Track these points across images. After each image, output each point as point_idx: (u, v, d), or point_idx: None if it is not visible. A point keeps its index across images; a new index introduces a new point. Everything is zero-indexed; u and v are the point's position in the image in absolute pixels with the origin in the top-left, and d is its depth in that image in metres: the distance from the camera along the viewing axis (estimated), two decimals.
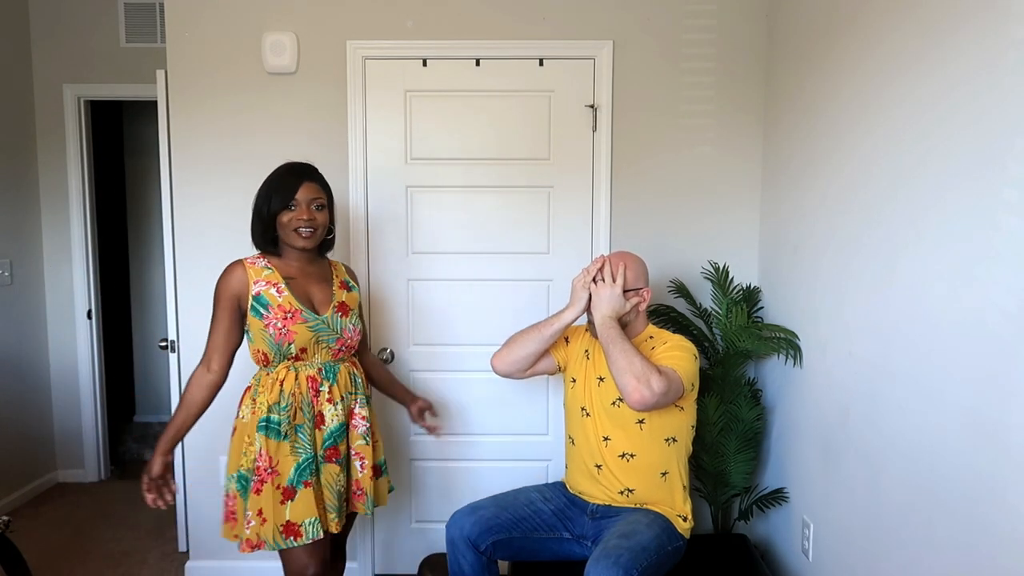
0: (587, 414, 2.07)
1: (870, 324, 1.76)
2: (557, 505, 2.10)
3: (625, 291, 2.01)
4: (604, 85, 2.51)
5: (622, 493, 2.02)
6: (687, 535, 2.02)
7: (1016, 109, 1.25)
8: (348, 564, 2.68)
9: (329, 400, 1.89)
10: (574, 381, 2.13)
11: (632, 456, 2.00)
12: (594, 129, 2.54)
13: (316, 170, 1.96)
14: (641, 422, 1.98)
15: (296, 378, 1.86)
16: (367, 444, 1.98)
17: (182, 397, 1.89)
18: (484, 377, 2.63)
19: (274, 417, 1.83)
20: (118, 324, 4.42)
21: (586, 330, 2.12)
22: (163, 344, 2.79)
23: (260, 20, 2.51)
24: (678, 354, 1.95)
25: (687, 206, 2.56)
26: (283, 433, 1.83)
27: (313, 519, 1.82)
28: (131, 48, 3.50)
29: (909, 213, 1.59)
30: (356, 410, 1.96)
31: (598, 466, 2.04)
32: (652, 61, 2.52)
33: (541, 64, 2.52)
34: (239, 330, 1.89)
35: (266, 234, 1.89)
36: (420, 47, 2.51)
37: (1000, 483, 1.29)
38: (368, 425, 1.99)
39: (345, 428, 1.92)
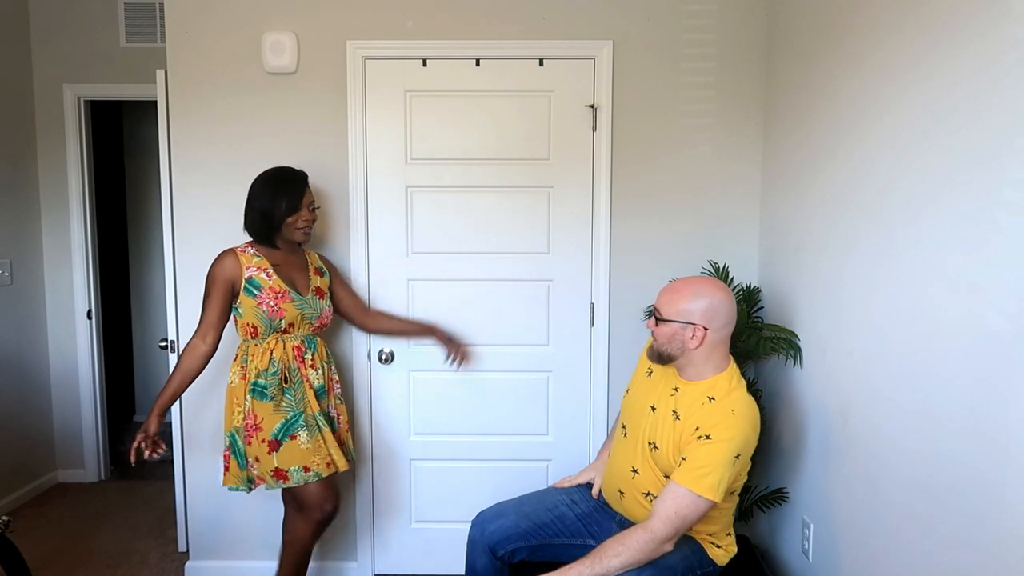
0: (625, 434, 1.96)
1: (870, 324, 1.76)
2: (585, 509, 2.03)
3: (659, 320, 1.83)
4: (604, 85, 2.51)
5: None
6: (721, 562, 1.89)
7: (1016, 109, 1.25)
8: (348, 564, 2.70)
9: (312, 366, 2.23)
10: (627, 391, 2.05)
11: (656, 498, 1.83)
12: (594, 129, 2.54)
13: (307, 175, 2.27)
14: (668, 476, 1.80)
15: (284, 348, 2.17)
16: (342, 404, 2.35)
17: (178, 364, 2.14)
18: (484, 377, 2.64)
19: (261, 381, 2.13)
20: (118, 324, 4.42)
21: (645, 354, 1.99)
22: (163, 344, 2.79)
23: (260, 20, 2.51)
24: (707, 465, 1.69)
25: (687, 206, 2.56)
26: (270, 395, 2.13)
27: (297, 467, 2.12)
28: (131, 48, 3.50)
29: (909, 213, 1.59)
30: (332, 375, 2.33)
31: (621, 492, 1.95)
32: (652, 61, 2.52)
33: (541, 64, 2.52)
34: (230, 309, 2.18)
35: (269, 232, 2.19)
36: (420, 47, 2.51)
37: (1000, 483, 1.29)
38: (340, 388, 2.36)
39: (324, 390, 2.26)
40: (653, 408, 1.89)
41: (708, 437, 1.72)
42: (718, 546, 1.90)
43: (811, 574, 2.11)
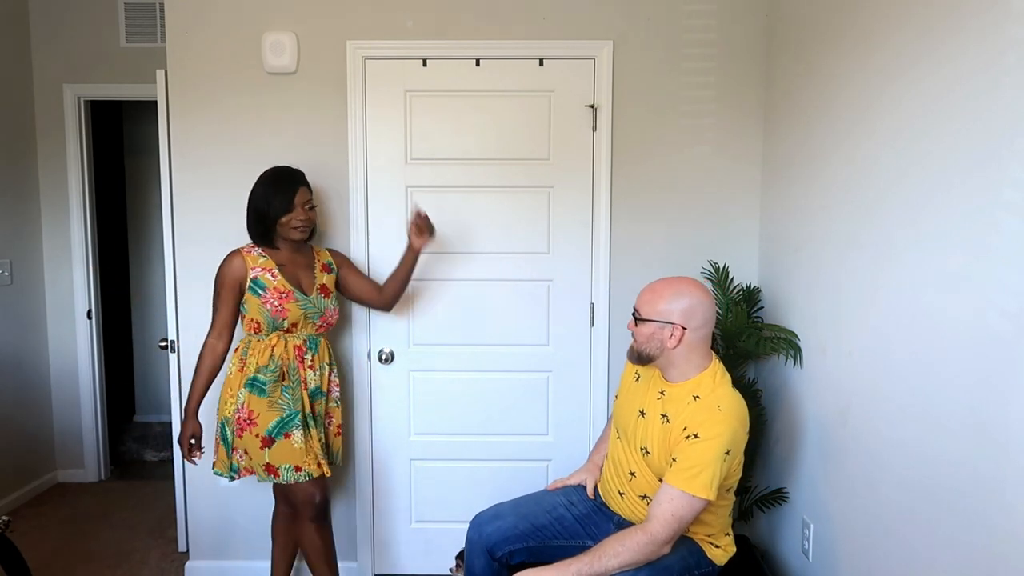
0: (619, 437, 1.97)
1: (870, 324, 1.76)
2: (582, 511, 2.03)
3: (638, 319, 1.84)
4: (604, 85, 2.51)
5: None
6: (719, 562, 1.88)
7: (1016, 109, 1.25)
8: (348, 564, 2.70)
9: (311, 367, 2.24)
10: (617, 397, 2.06)
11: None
12: (594, 129, 2.54)
13: (304, 174, 2.28)
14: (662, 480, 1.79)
15: (285, 346, 2.20)
16: (337, 407, 2.36)
17: (199, 365, 2.22)
18: (484, 377, 2.64)
19: (261, 377, 2.16)
20: (118, 324, 4.41)
21: (628, 359, 1.96)
22: (163, 344, 2.79)
23: (260, 20, 2.51)
24: (698, 464, 1.68)
25: (687, 206, 2.56)
26: (267, 392, 2.15)
27: (288, 465, 2.15)
28: (131, 48, 3.50)
29: (909, 213, 1.59)
30: (332, 378, 2.34)
31: (621, 493, 1.94)
32: (652, 61, 2.52)
33: (541, 64, 2.52)
34: (239, 308, 2.22)
35: (266, 232, 2.22)
36: (420, 47, 2.51)
37: (1000, 483, 1.29)
38: (339, 391, 2.37)
39: (321, 391, 2.28)
40: (642, 413, 1.89)
41: (696, 436, 1.71)
42: (716, 546, 1.89)
43: (811, 574, 2.11)
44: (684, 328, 1.78)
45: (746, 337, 2.27)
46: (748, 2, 2.49)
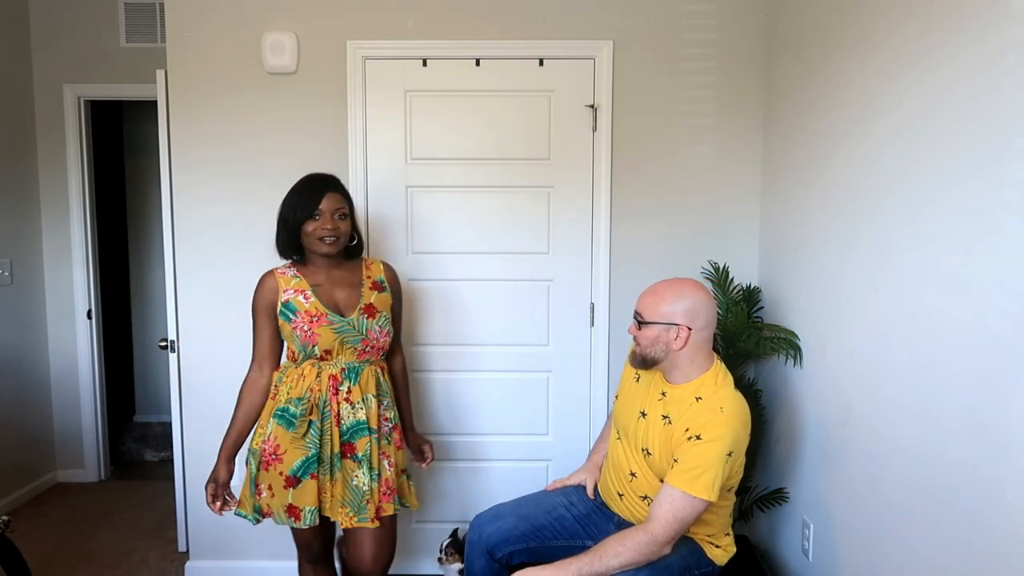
0: (619, 438, 1.97)
1: (870, 324, 1.76)
2: (582, 511, 2.02)
3: (641, 323, 1.84)
4: (604, 85, 2.51)
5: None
6: (720, 562, 1.88)
7: (1016, 109, 1.25)
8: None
9: (347, 400, 1.96)
10: (617, 397, 2.05)
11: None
12: (594, 129, 2.54)
13: (338, 181, 2.04)
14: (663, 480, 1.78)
15: (318, 376, 1.95)
16: (390, 444, 2.04)
17: (239, 402, 2.01)
18: (484, 377, 2.64)
19: (291, 409, 1.92)
20: (118, 324, 4.41)
21: (628, 360, 1.98)
22: (163, 344, 2.79)
23: (260, 20, 2.51)
24: (699, 465, 1.68)
25: (687, 206, 2.56)
26: (296, 425, 1.92)
27: (312, 508, 1.91)
28: (131, 48, 3.50)
29: (909, 213, 1.59)
30: (383, 412, 2.03)
31: (620, 495, 1.94)
32: (652, 61, 2.52)
33: (541, 64, 2.52)
34: (280, 334, 2.01)
35: (291, 243, 1.99)
36: (420, 47, 2.51)
37: (1000, 483, 1.29)
38: (391, 426, 2.06)
39: (364, 427, 1.97)
40: (643, 414, 1.89)
41: (698, 437, 1.71)
42: (717, 546, 1.89)
43: (811, 574, 2.11)
44: (690, 329, 1.78)
45: (746, 337, 2.27)
46: (748, 2, 2.50)
